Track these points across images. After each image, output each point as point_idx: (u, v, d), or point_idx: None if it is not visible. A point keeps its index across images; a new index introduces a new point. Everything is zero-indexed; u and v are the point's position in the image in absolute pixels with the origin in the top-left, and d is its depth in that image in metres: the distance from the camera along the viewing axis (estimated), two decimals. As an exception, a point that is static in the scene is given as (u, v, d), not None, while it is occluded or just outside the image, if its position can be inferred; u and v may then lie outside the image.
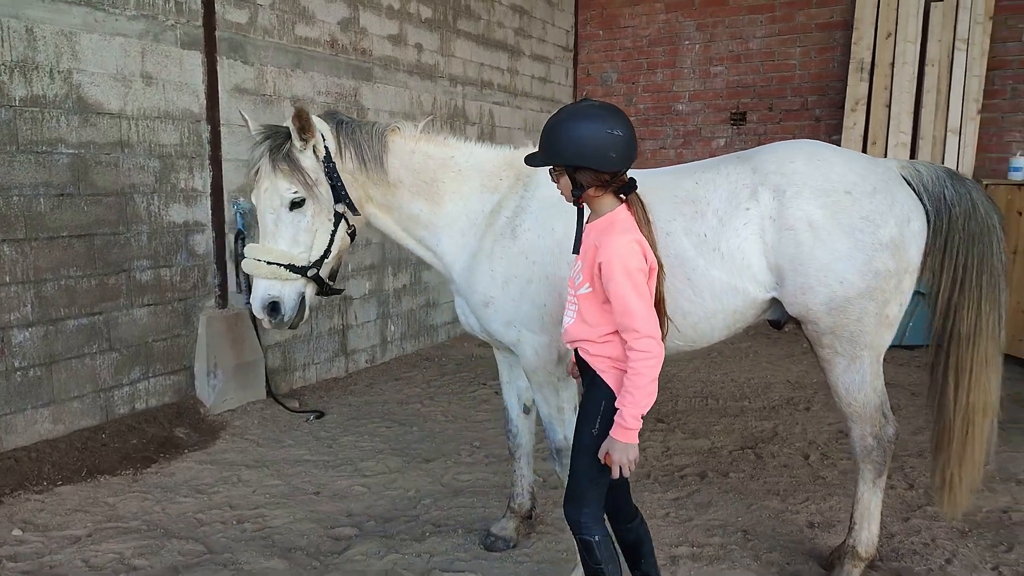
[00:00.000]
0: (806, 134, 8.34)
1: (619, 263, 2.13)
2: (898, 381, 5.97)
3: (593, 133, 2.15)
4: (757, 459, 4.35)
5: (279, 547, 3.34)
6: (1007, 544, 3.35)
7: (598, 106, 2.23)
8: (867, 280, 2.67)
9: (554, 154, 2.22)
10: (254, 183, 2.78)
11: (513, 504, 3.39)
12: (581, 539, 2.29)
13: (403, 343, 6.85)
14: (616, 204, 2.26)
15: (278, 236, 2.77)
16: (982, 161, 7.43)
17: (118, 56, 4.39)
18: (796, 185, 2.67)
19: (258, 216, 2.82)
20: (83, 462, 4.05)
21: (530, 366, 2.88)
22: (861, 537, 2.90)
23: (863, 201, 2.66)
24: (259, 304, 2.78)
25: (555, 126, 2.22)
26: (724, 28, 8.66)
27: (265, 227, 2.79)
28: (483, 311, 2.90)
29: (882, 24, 7.52)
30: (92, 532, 3.42)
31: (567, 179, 2.24)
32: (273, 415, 5.08)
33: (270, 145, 2.74)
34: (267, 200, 2.75)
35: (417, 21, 6.74)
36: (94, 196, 4.31)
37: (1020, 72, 7.35)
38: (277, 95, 5.41)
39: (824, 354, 2.84)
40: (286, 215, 2.75)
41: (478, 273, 2.87)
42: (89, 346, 4.32)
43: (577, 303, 2.30)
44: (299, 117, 2.68)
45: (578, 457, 2.29)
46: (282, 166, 2.70)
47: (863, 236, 2.65)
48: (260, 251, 2.77)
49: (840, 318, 2.71)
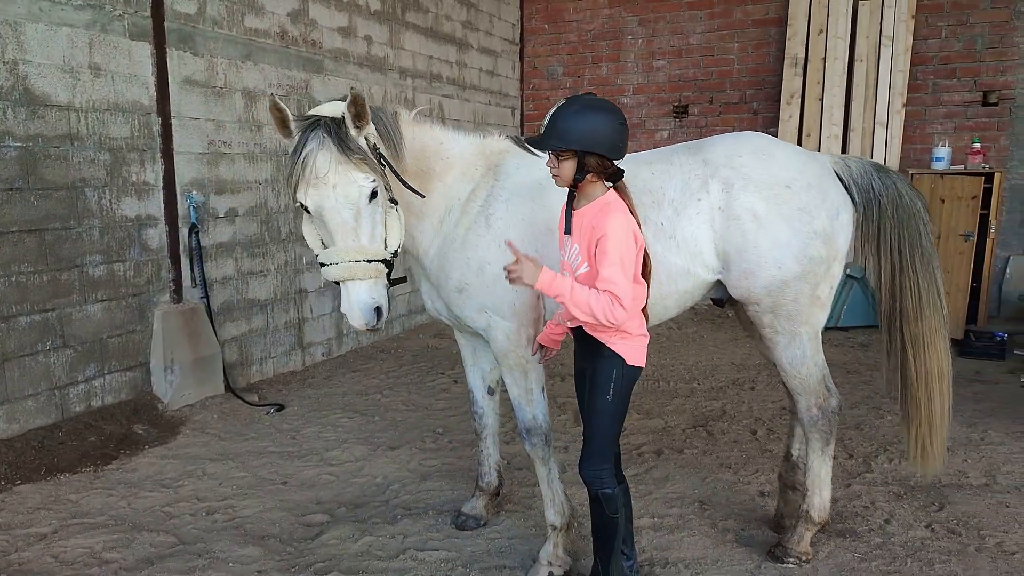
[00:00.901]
0: (744, 126, 8.67)
1: (613, 240, 2.34)
2: (835, 360, 6.32)
3: (608, 123, 2.37)
4: (709, 436, 4.57)
5: (252, 535, 3.37)
6: (938, 504, 3.63)
7: (604, 101, 2.46)
8: (802, 265, 2.89)
9: (572, 140, 2.37)
10: (314, 176, 2.45)
11: (481, 483, 3.50)
12: (601, 493, 2.56)
13: (359, 336, 6.86)
14: (604, 190, 2.47)
15: (360, 232, 2.52)
16: (907, 152, 7.88)
17: (65, 47, 4.30)
18: (743, 179, 2.88)
19: (326, 215, 2.49)
20: (41, 461, 3.97)
21: (501, 350, 2.94)
22: (814, 503, 3.10)
23: (800, 194, 2.89)
24: (367, 311, 2.51)
25: (572, 114, 2.38)
26: (666, 23, 8.91)
27: (343, 224, 2.49)
28: (456, 297, 2.93)
29: (814, 21, 7.89)
30: (58, 529, 3.39)
31: (572, 164, 2.41)
32: (233, 409, 5.06)
33: (330, 132, 2.47)
34: (343, 194, 2.47)
35: (367, 13, 6.75)
36: (44, 190, 4.22)
37: (940, 68, 7.82)
38: (228, 87, 5.36)
39: (766, 333, 3.02)
40: (366, 208, 2.52)
41: (453, 259, 2.90)
42: (42, 343, 4.23)
43: None
44: (356, 102, 2.48)
45: (596, 421, 2.54)
46: (354, 155, 2.47)
47: (800, 225, 2.87)
48: (355, 251, 2.49)
49: (778, 299, 2.92)
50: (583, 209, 2.49)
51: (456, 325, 3.19)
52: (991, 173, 6.85)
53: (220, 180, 5.35)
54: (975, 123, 7.73)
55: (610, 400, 2.51)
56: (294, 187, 2.50)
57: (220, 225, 5.37)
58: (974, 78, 7.70)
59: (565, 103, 2.42)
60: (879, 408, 5.05)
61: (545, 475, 3.03)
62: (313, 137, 2.46)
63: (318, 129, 2.47)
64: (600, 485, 2.57)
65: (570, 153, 2.39)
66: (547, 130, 2.42)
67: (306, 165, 2.45)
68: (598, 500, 2.59)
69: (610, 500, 2.58)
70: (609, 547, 2.65)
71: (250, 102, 5.56)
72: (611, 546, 2.65)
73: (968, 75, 7.72)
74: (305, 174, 2.46)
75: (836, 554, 3.18)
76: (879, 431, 4.62)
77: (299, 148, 2.47)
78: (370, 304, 2.52)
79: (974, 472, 4.01)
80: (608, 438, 2.58)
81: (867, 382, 5.67)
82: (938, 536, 3.33)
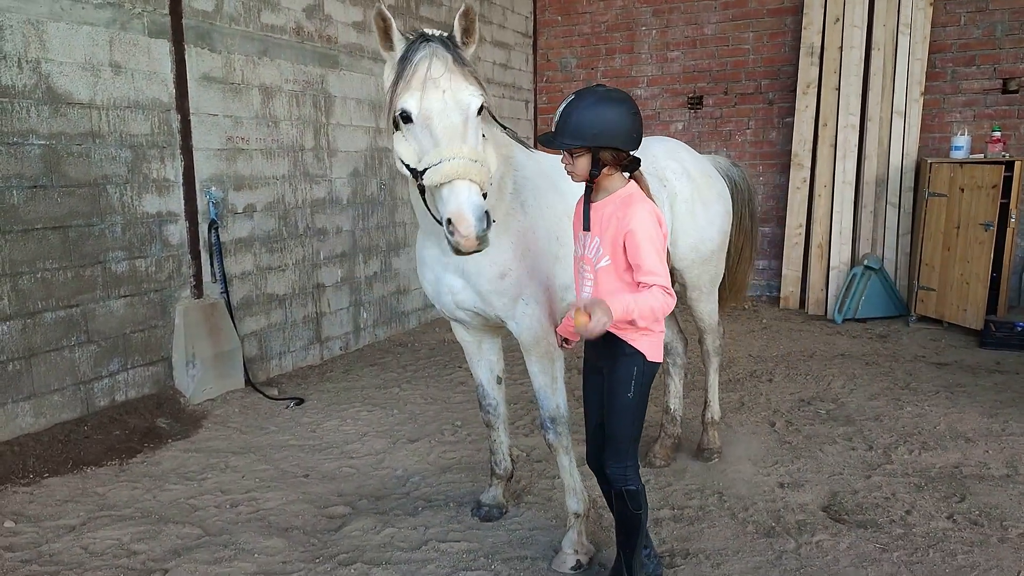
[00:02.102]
0: (760, 116, 8.62)
1: (644, 230, 2.36)
2: (854, 352, 6.30)
3: (620, 115, 2.36)
4: (727, 428, 4.57)
5: (276, 527, 3.42)
6: (959, 495, 3.62)
7: (615, 90, 2.40)
8: (721, 238, 3.80)
9: (585, 136, 2.34)
10: (426, 81, 2.37)
11: (499, 471, 3.53)
12: (626, 490, 2.58)
13: (375, 330, 6.91)
14: (623, 181, 2.47)
15: (468, 139, 2.39)
16: (926, 141, 7.80)
17: (86, 45, 4.34)
18: (684, 170, 3.63)
19: (434, 119, 2.38)
20: (67, 454, 4.04)
21: (533, 337, 2.93)
22: (714, 408, 4.16)
23: (715, 183, 3.80)
24: (477, 213, 2.30)
25: (582, 110, 2.35)
26: (680, 14, 8.86)
27: (453, 127, 2.38)
28: (498, 283, 2.86)
29: (830, 9, 7.81)
30: (86, 521, 3.45)
31: (586, 159, 2.39)
32: (253, 403, 5.12)
33: (445, 45, 2.44)
34: (454, 100, 2.39)
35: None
36: (67, 188, 4.27)
37: (959, 56, 7.73)
38: (245, 83, 5.40)
39: (694, 295, 3.85)
40: (473, 119, 2.44)
41: (496, 244, 2.76)
42: (67, 339, 4.30)
43: (594, 277, 2.48)
44: (467, 15, 2.45)
45: (620, 420, 2.55)
46: (467, 68, 2.43)
47: (719, 207, 3.76)
48: (469, 151, 2.34)
49: (707, 267, 3.78)
50: (602, 202, 2.48)
51: (476, 319, 3.12)
52: (1011, 162, 6.76)
53: (238, 176, 5.39)
54: (995, 111, 7.64)
55: (631, 398, 2.51)
56: (398, 94, 2.42)
57: (239, 221, 5.42)
58: (994, 65, 7.60)
59: (575, 98, 2.39)
60: (898, 400, 5.03)
61: (567, 464, 3.07)
62: (424, 46, 2.43)
63: (430, 41, 2.44)
64: (624, 482, 2.58)
65: (584, 149, 2.38)
66: (558, 127, 2.39)
67: (417, 71, 2.39)
68: (622, 496, 2.59)
69: (634, 496, 2.59)
70: (633, 542, 2.66)
71: (267, 98, 5.59)
72: (634, 542, 2.66)
73: (988, 62, 7.62)
74: (414, 79, 2.39)
75: (857, 545, 3.18)
76: (898, 422, 4.61)
77: (409, 55, 2.42)
78: (482, 206, 2.32)
79: (995, 463, 3.99)
80: (631, 436, 2.59)
81: (886, 373, 5.64)
82: (960, 527, 3.32)
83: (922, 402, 4.96)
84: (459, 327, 3.30)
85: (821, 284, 7.84)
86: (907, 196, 7.60)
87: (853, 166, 7.72)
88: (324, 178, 6.20)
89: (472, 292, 2.96)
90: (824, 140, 7.85)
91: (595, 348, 2.61)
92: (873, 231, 7.77)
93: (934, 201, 6.99)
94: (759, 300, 8.58)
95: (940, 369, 5.74)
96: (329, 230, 6.29)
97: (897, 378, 5.53)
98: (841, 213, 7.75)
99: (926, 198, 7.07)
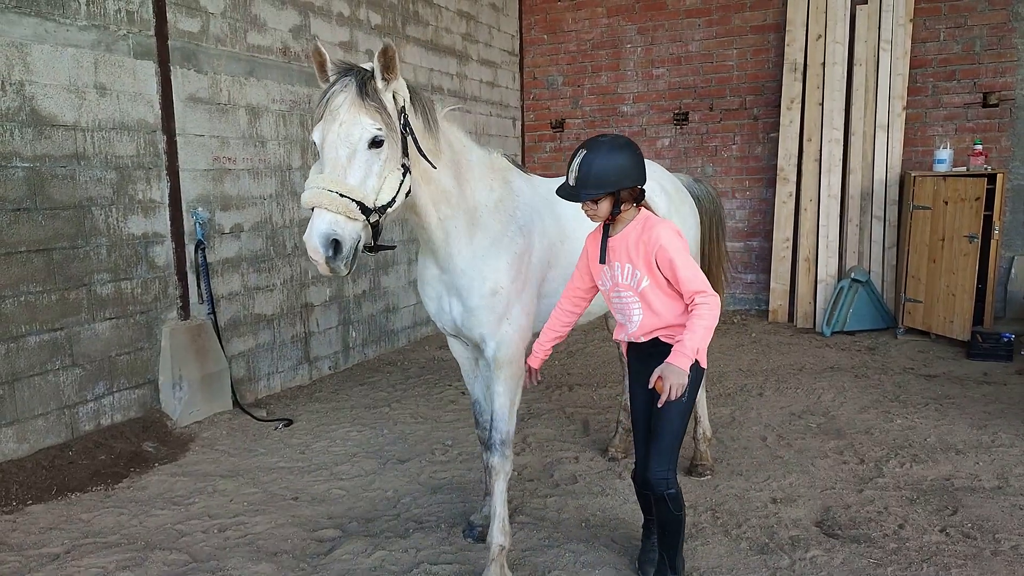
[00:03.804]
0: (745, 132, 8.70)
1: (672, 244, 2.60)
2: (843, 365, 6.32)
3: (630, 158, 2.63)
4: (719, 443, 4.56)
5: (264, 552, 3.37)
6: (951, 508, 3.62)
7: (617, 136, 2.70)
8: (695, 247, 3.98)
9: (609, 184, 2.58)
10: (328, 113, 2.55)
11: None
12: (667, 494, 2.73)
13: (365, 348, 6.87)
14: (636, 211, 2.72)
15: (349, 172, 2.53)
16: (909, 154, 7.89)
17: (71, 67, 4.33)
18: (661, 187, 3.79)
19: (324, 150, 2.57)
20: (52, 480, 3.97)
21: (507, 358, 3.03)
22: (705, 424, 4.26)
23: (687, 197, 4.04)
24: (320, 239, 2.46)
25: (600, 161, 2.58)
26: (664, 31, 8.95)
27: (336, 160, 2.53)
28: (489, 300, 2.97)
29: (812, 26, 7.91)
30: (70, 549, 3.38)
31: (609, 202, 2.63)
32: (241, 425, 5.06)
33: (356, 78, 2.56)
34: (345, 132, 2.53)
35: (367, 28, 6.79)
36: (52, 210, 4.24)
37: (940, 70, 7.84)
38: (232, 104, 5.39)
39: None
40: (363, 152, 2.55)
41: (491, 262, 2.97)
42: (52, 362, 4.24)
43: (640, 299, 2.70)
44: (386, 53, 2.56)
45: (670, 423, 2.70)
46: (370, 101, 2.54)
47: (692, 220, 3.98)
48: (330, 181, 2.49)
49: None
50: (622, 234, 2.71)
51: (462, 334, 3.17)
52: (993, 174, 6.85)
53: (225, 196, 5.37)
54: (976, 125, 7.75)
55: (684, 401, 2.66)
56: (313, 123, 2.61)
57: (226, 241, 5.39)
58: (974, 80, 7.72)
59: (587, 152, 2.59)
60: (888, 412, 5.04)
61: (502, 491, 3.09)
62: (340, 80, 2.57)
63: (349, 75, 2.58)
64: (666, 487, 2.73)
65: (607, 194, 2.60)
66: (581, 180, 2.59)
67: (326, 103, 2.55)
68: (664, 501, 2.74)
69: (675, 499, 2.75)
70: (676, 542, 2.85)
71: (254, 118, 5.58)
72: (677, 541, 2.85)
73: (968, 77, 7.74)
74: (323, 111, 2.56)
75: (851, 560, 3.17)
76: (889, 435, 4.61)
77: (327, 88, 2.59)
78: (326, 233, 2.46)
79: (986, 475, 3.99)
80: (679, 436, 2.75)
81: (875, 386, 5.66)
82: (953, 540, 3.31)
83: (912, 414, 4.97)
84: (456, 344, 3.37)
85: (809, 297, 7.88)
86: (892, 209, 7.67)
87: (838, 180, 7.79)
88: (312, 197, 6.17)
89: (460, 308, 3.03)
90: (809, 155, 7.92)
91: (646, 359, 2.73)
92: (859, 244, 7.82)
93: (919, 214, 7.05)
94: (748, 314, 8.61)
95: (929, 381, 5.77)
96: (317, 249, 6.25)
97: (886, 390, 5.54)
98: (827, 227, 7.81)
99: (911, 211, 7.13)
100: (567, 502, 3.80)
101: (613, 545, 3.35)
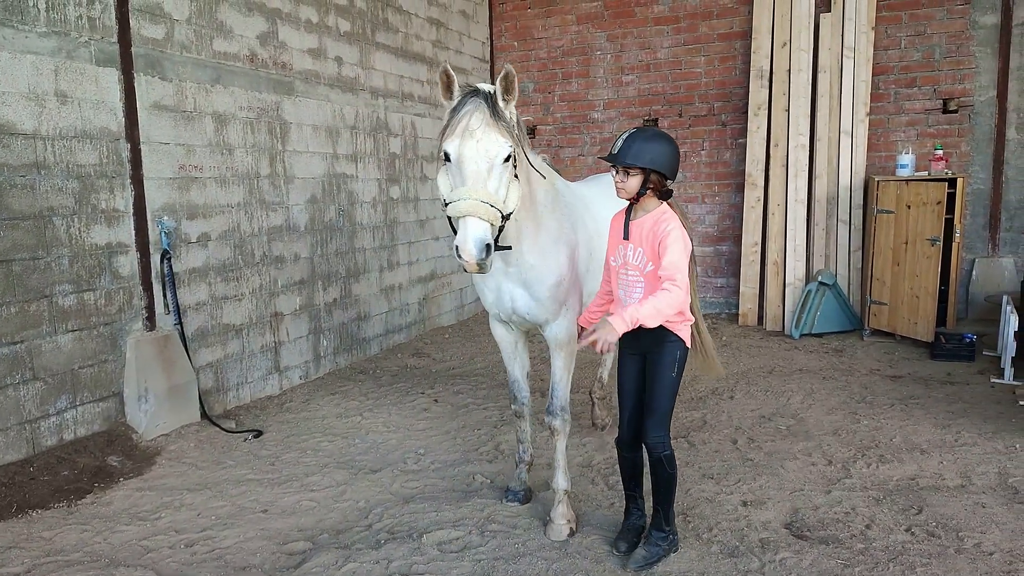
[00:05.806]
0: (714, 138, 8.80)
1: (675, 236, 2.96)
2: (810, 367, 6.41)
3: (672, 150, 3.02)
4: (690, 447, 4.60)
5: (232, 567, 3.31)
6: (917, 507, 3.69)
7: (665, 132, 3.12)
8: None
9: (644, 159, 2.95)
10: (465, 130, 2.95)
11: (526, 456, 3.95)
12: (663, 455, 3.10)
13: (336, 357, 6.81)
14: (658, 203, 3.08)
15: (489, 183, 2.95)
16: (872, 159, 8.04)
17: (30, 74, 4.24)
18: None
19: (463, 164, 2.96)
20: (11, 498, 3.87)
21: (565, 338, 3.53)
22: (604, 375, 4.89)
23: None
24: (478, 244, 2.87)
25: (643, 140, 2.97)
26: (633, 39, 9.03)
27: (478, 173, 2.94)
28: (554, 290, 3.43)
29: (778, 34, 8.04)
30: (31, 568, 3.30)
31: (639, 179, 2.99)
32: (210, 437, 4.98)
33: (486, 100, 2.99)
34: (484, 149, 2.95)
35: (336, 35, 6.75)
36: (11, 220, 4.14)
37: (901, 77, 8.01)
38: (198, 111, 5.32)
39: None
40: (499, 166, 2.98)
41: (555, 257, 3.43)
42: (11, 376, 4.14)
43: (644, 281, 3.05)
44: (507, 78, 2.99)
45: (662, 394, 3.09)
46: (501, 121, 2.98)
47: None
48: (479, 192, 2.90)
49: None
50: (641, 219, 3.07)
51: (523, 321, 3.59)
52: (954, 179, 7.01)
53: (192, 205, 5.29)
54: (936, 130, 7.92)
55: (674, 376, 3.08)
56: (444, 137, 3.03)
57: (192, 250, 5.31)
58: (934, 86, 7.89)
59: (637, 130, 3.02)
60: (855, 413, 5.12)
61: (563, 447, 3.61)
62: (472, 100, 3.01)
63: (478, 96, 3.02)
64: (662, 449, 3.10)
65: (639, 170, 2.97)
66: (622, 150, 2.97)
67: (461, 120, 2.98)
68: (660, 461, 3.11)
69: (670, 460, 3.13)
70: (669, 497, 3.21)
71: (221, 125, 5.52)
72: (670, 496, 3.21)
73: (928, 83, 7.92)
74: (458, 128, 2.98)
75: (820, 562, 3.21)
76: (856, 436, 4.68)
77: (458, 107, 3.02)
78: (484, 240, 2.89)
79: (950, 473, 4.07)
80: (670, 407, 3.12)
81: (843, 387, 5.75)
82: (918, 539, 3.37)
83: (878, 415, 5.06)
84: (502, 328, 3.77)
85: (778, 300, 7.98)
86: (857, 213, 7.80)
87: (805, 184, 7.91)
88: (281, 205, 6.12)
89: (530, 299, 3.46)
90: (776, 160, 8.04)
91: (638, 339, 3.08)
92: (826, 247, 7.95)
93: (882, 218, 7.18)
94: (718, 317, 8.69)
95: (894, 382, 5.87)
96: (287, 257, 6.20)
97: (853, 392, 5.63)
98: (795, 231, 7.92)
99: (875, 215, 7.27)
100: (539, 509, 3.79)
101: (586, 552, 3.35)
